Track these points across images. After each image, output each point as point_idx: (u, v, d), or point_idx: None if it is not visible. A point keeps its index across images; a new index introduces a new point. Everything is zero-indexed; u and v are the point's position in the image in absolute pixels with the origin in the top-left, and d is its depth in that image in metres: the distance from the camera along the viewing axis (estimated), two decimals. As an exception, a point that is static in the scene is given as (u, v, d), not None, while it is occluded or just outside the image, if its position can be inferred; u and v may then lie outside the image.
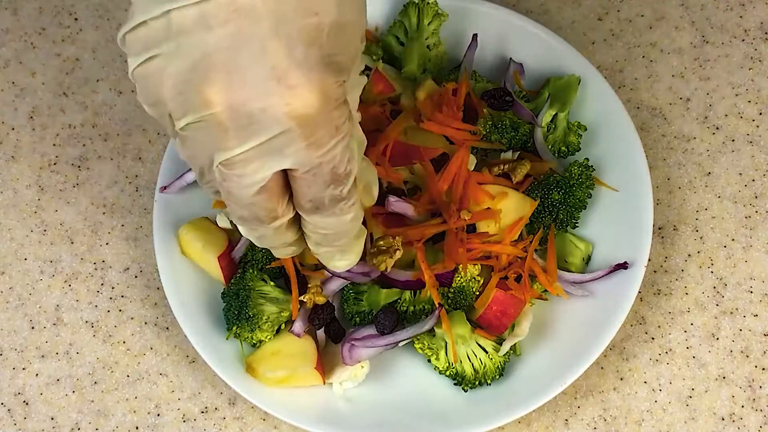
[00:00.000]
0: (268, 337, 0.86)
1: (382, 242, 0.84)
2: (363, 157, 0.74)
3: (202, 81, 0.61)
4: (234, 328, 0.85)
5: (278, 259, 0.87)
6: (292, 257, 0.86)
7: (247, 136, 0.62)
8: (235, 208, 0.68)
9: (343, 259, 0.76)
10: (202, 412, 0.89)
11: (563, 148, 0.91)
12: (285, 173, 0.66)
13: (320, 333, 0.88)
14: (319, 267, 0.86)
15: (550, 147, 0.91)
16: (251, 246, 0.88)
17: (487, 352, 0.85)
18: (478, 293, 0.86)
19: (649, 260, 0.90)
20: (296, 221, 0.71)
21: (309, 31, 0.62)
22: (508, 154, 0.90)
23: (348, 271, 0.83)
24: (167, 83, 0.63)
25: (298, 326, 0.86)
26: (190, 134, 0.64)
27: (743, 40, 0.98)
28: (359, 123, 0.71)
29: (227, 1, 0.60)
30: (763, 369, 0.88)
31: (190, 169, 0.90)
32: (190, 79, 0.62)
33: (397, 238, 0.84)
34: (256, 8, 0.60)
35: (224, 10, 0.60)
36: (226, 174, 0.65)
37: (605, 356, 0.89)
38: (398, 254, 0.84)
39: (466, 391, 0.85)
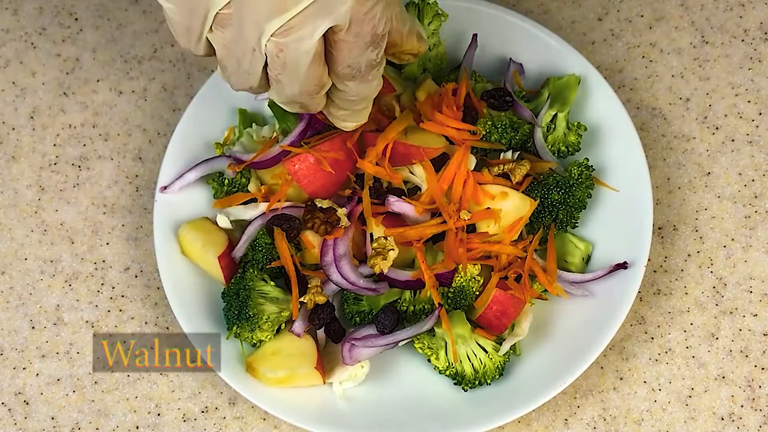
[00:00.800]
0: (268, 336, 0.86)
1: (375, 244, 0.84)
2: (401, 6, 0.76)
3: None
4: (234, 328, 0.85)
5: (278, 258, 0.87)
6: (292, 257, 0.86)
7: None
8: (289, 84, 0.69)
9: (353, 121, 0.78)
10: (203, 412, 0.89)
11: (563, 148, 0.91)
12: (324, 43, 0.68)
13: (320, 333, 0.88)
14: (320, 267, 0.86)
15: (550, 147, 0.91)
16: (251, 246, 0.88)
17: (487, 352, 0.85)
18: (478, 293, 0.86)
19: (649, 260, 0.90)
20: None
21: None
22: (508, 154, 0.90)
23: (355, 285, 0.85)
24: None
25: (298, 326, 0.86)
26: (237, 10, 0.65)
27: (743, 41, 0.98)
28: None
29: None
30: (763, 369, 0.88)
31: (191, 169, 0.91)
32: None
33: (389, 238, 0.84)
34: None
35: None
36: (283, 43, 0.66)
37: (605, 356, 0.89)
38: (393, 254, 0.84)
39: (466, 390, 0.85)
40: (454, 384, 0.86)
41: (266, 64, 0.70)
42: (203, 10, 0.66)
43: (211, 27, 0.68)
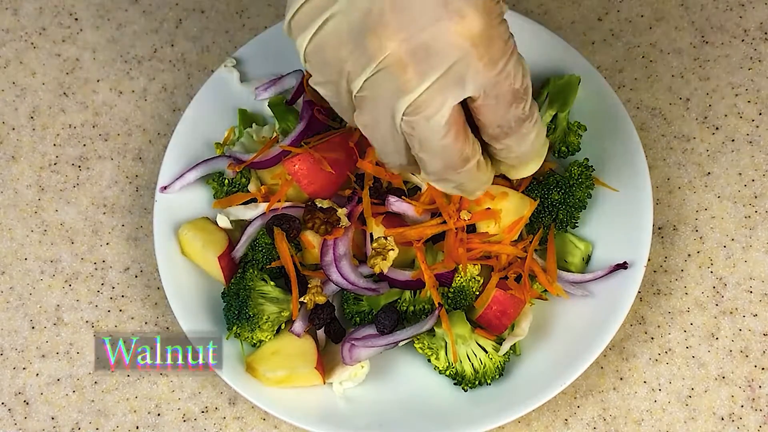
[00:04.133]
0: (268, 336, 0.86)
1: (375, 244, 0.84)
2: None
3: (376, 25, 0.64)
4: (234, 328, 0.85)
5: (278, 258, 0.87)
6: (292, 257, 0.86)
7: (426, 69, 0.65)
8: (430, 161, 0.70)
9: (530, 166, 0.77)
10: (203, 412, 0.89)
11: (563, 148, 0.91)
12: (464, 111, 0.68)
13: (320, 333, 0.88)
14: (320, 267, 0.86)
15: (549, 147, 0.91)
16: (251, 246, 0.88)
17: (486, 352, 0.85)
18: (478, 293, 0.86)
19: (649, 260, 0.90)
20: (484, 156, 0.73)
21: None
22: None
23: (355, 285, 0.85)
24: (345, 42, 0.65)
25: (298, 326, 0.86)
26: (369, 92, 0.66)
27: (743, 41, 0.98)
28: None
29: None
30: (763, 369, 0.88)
31: (191, 169, 0.91)
32: (364, 28, 0.64)
33: (389, 237, 0.84)
34: None
35: None
36: (413, 121, 0.67)
37: (605, 356, 0.89)
38: (393, 254, 0.84)
39: (466, 390, 0.85)
40: (454, 384, 0.86)
41: None
42: (347, 93, 0.68)
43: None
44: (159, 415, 0.89)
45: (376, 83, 0.66)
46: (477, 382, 0.85)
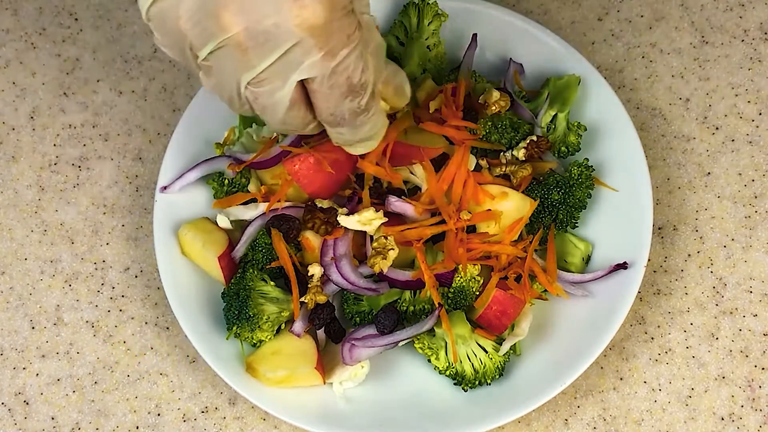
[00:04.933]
0: (268, 337, 0.86)
1: (375, 243, 0.84)
2: (387, 60, 0.77)
3: (218, 6, 0.65)
4: (234, 328, 0.85)
5: (278, 258, 0.87)
6: (291, 258, 0.86)
7: (265, 52, 0.66)
8: (273, 122, 0.72)
9: (363, 147, 0.78)
10: (202, 412, 0.89)
11: (563, 148, 0.91)
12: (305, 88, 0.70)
13: (320, 333, 0.88)
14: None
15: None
16: (251, 246, 0.88)
17: (486, 352, 0.85)
18: (478, 293, 0.86)
19: (649, 260, 0.90)
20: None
21: None
22: (508, 154, 0.90)
23: (355, 285, 0.85)
24: (184, 17, 0.66)
25: (298, 326, 0.86)
26: (214, 63, 0.68)
27: (743, 41, 0.98)
28: (376, 27, 0.74)
29: None
30: (763, 369, 0.88)
31: (191, 169, 0.91)
32: (205, 7, 0.65)
33: (389, 237, 0.84)
34: None
35: None
36: (256, 92, 0.69)
37: (605, 356, 0.89)
38: (393, 254, 0.84)
39: (466, 391, 0.85)
40: (454, 384, 0.86)
41: None
42: (191, 59, 0.69)
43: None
44: (159, 415, 0.89)
45: (219, 57, 0.67)
46: (477, 382, 0.85)
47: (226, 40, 0.66)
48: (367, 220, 0.85)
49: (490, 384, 0.85)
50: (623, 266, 0.86)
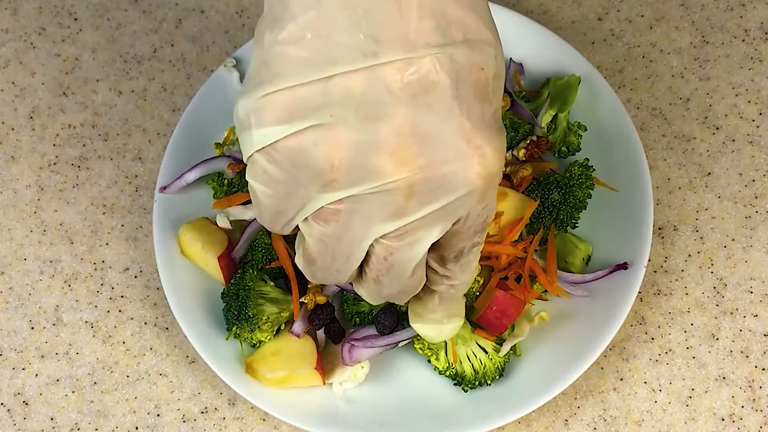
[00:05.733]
0: (268, 337, 0.86)
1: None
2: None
3: (391, 145, 0.58)
4: (234, 328, 0.85)
5: (278, 259, 0.87)
6: (291, 258, 0.86)
7: (430, 199, 0.60)
8: (389, 286, 0.66)
9: (450, 323, 0.76)
10: (202, 413, 0.89)
11: (563, 148, 0.91)
12: None
13: (320, 333, 0.88)
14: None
15: (550, 147, 0.91)
16: (251, 246, 0.88)
17: (487, 353, 0.85)
18: (478, 293, 0.86)
19: (649, 260, 0.90)
20: None
21: (480, 88, 0.60)
22: (508, 154, 0.90)
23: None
24: (338, 153, 0.58)
25: (298, 326, 0.86)
26: (349, 207, 0.61)
27: (743, 40, 0.98)
28: None
29: (403, 62, 0.57)
30: (763, 369, 0.88)
31: (190, 169, 0.90)
32: (371, 146, 0.58)
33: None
34: (436, 69, 0.58)
35: (400, 72, 0.57)
36: (393, 247, 0.63)
37: (605, 356, 0.89)
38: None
39: (466, 391, 0.85)
40: (454, 384, 0.86)
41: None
42: (302, 200, 0.62)
43: (307, 217, 0.63)
44: (158, 415, 0.89)
45: (363, 200, 0.60)
46: (477, 383, 0.85)
47: (391, 183, 0.59)
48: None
49: (490, 384, 0.85)
50: (623, 266, 0.86)
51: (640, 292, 0.90)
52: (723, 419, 0.87)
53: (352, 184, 0.59)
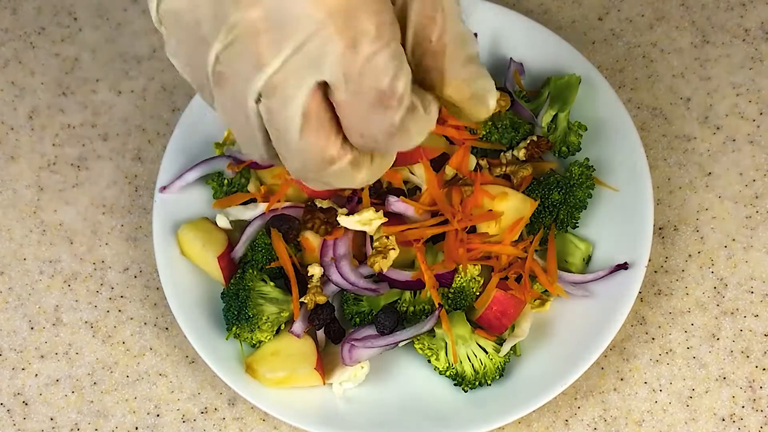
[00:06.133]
0: (268, 337, 0.86)
1: (377, 243, 0.84)
2: (470, 55, 0.62)
3: None
4: (234, 328, 0.85)
5: (278, 259, 0.87)
6: (291, 258, 0.86)
7: (279, 39, 0.55)
8: (288, 158, 0.60)
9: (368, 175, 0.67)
10: (202, 413, 0.89)
11: (563, 148, 0.91)
12: (331, 105, 0.58)
13: (320, 333, 0.88)
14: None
15: (550, 147, 0.91)
16: (251, 246, 0.87)
17: (487, 353, 0.85)
18: (478, 293, 0.86)
19: (650, 260, 0.90)
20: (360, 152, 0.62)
21: None
22: (508, 154, 0.90)
23: (355, 285, 0.85)
24: (203, 9, 0.57)
25: (298, 326, 0.86)
26: (227, 68, 0.58)
27: (744, 40, 0.98)
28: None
29: None
30: (764, 369, 0.88)
31: (190, 169, 0.90)
32: None
33: (391, 237, 0.84)
34: None
35: None
36: (269, 105, 0.58)
37: (605, 356, 0.89)
38: (393, 253, 0.84)
39: (466, 391, 0.85)
40: (454, 385, 0.86)
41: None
42: (199, 63, 0.59)
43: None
44: (158, 416, 0.89)
45: (232, 55, 0.57)
46: (477, 383, 0.85)
47: (239, 26, 0.56)
48: (367, 220, 0.85)
49: (490, 385, 0.85)
50: (624, 266, 0.86)
51: (640, 292, 0.90)
52: (723, 419, 0.87)
53: (216, 33, 0.57)
